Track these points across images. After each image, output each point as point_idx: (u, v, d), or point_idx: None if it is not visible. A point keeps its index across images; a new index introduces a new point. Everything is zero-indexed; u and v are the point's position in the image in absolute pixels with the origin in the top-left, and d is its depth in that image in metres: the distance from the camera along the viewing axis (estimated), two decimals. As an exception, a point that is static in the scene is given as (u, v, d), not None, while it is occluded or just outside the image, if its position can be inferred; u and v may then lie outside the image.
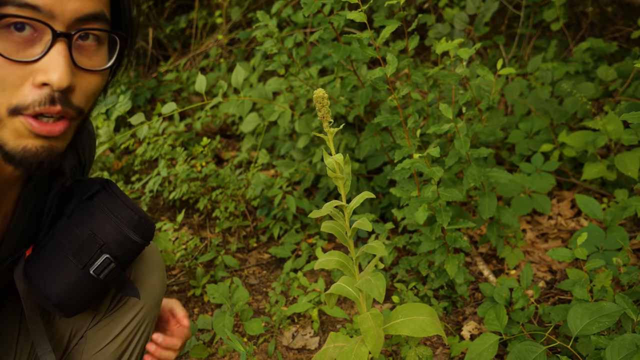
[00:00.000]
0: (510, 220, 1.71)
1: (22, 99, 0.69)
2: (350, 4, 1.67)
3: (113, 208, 0.92)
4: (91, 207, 0.92)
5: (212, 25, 3.88)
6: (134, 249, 0.94)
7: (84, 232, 0.91)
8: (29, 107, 0.69)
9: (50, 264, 0.92)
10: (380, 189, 2.04)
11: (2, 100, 0.69)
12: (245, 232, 2.22)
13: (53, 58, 0.68)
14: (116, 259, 0.92)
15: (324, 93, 0.91)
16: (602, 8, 3.01)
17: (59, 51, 0.69)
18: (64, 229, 0.92)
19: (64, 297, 0.92)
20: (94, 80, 0.76)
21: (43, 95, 0.70)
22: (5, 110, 0.70)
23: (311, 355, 1.59)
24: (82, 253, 0.91)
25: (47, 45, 0.68)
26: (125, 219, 0.92)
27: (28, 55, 0.69)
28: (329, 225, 1.04)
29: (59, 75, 0.68)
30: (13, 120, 0.70)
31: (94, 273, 0.91)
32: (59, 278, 0.92)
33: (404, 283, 1.76)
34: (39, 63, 0.69)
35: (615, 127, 1.82)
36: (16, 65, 0.68)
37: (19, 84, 0.69)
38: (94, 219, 0.91)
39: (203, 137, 2.71)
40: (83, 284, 0.92)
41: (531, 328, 1.44)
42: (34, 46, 0.69)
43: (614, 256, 1.57)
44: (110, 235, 0.91)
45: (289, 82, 2.12)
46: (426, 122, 1.93)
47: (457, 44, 1.54)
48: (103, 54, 0.77)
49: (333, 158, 0.98)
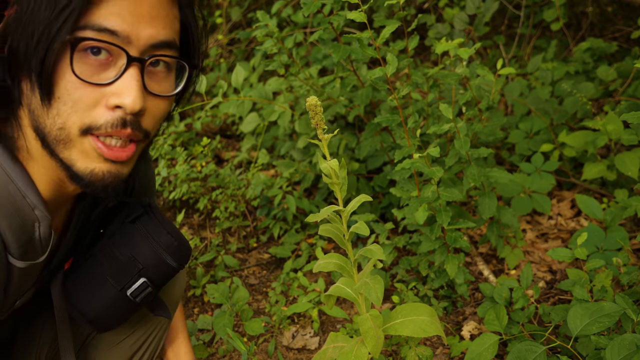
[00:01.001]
0: (510, 220, 1.70)
1: (95, 120, 0.72)
2: (350, 3, 1.67)
3: (154, 232, 0.94)
4: (133, 230, 0.94)
5: (212, 25, 3.88)
6: (170, 272, 0.96)
7: (124, 255, 0.93)
8: (100, 128, 0.72)
9: (89, 282, 0.95)
10: (380, 189, 2.04)
11: (75, 119, 0.71)
12: (245, 232, 2.22)
13: (126, 82, 0.71)
14: (152, 282, 0.94)
15: (317, 101, 0.91)
16: (602, 8, 3.01)
17: (132, 75, 0.71)
18: (104, 249, 0.95)
19: (99, 315, 0.95)
20: (162, 105, 0.78)
21: (115, 117, 0.72)
22: (77, 130, 0.72)
23: (311, 355, 1.59)
24: (121, 275, 0.93)
25: (121, 69, 0.71)
26: (164, 244, 0.94)
27: (102, 79, 0.71)
28: (327, 228, 1.04)
29: (133, 99, 0.71)
30: (83, 140, 0.73)
31: (131, 296, 0.94)
32: (96, 297, 0.94)
33: (404, 283, 1.76)
34: (112, 86, 0.71)
35: (615, 127, 1.82)
36: (91, 88, 0.70)
37: (93, 105, 0.71)
38: (135, 243, 0.94)
39: (203, 137, 2.71)
40: (119, 305, 0.95)
41: (531, 328, 1.44)
42: (108, 69, 0.71)
43: (614, 256, 1.57)
44: (149, 260, 0.93)
45: (289, 82, 2.12)
46: (426, 122, 1.93)
47: (457, 44, 1.54)
48: (171, 80, 0.79)
49: (328, 163, 0.98)
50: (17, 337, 1.06)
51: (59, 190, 0.84)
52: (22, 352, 1.06)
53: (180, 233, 0.97)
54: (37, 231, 0.81)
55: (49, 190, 0.82)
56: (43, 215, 0.80)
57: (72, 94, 0.70)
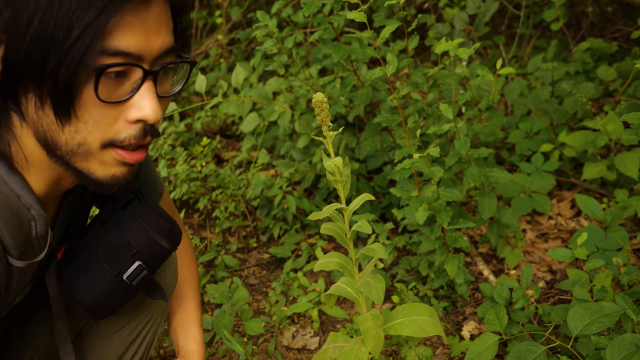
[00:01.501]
0: (510, 220, 1.70)
1: (117, 134, 0.74)
2: (350, 3, 1.67)
3: (145, 216, 0.95)
4: (125, 215, 0.95)
5: (212, 25, 3.88)
6: (163, 254, 0.97)
7: (118, 240, 0.94)
8: (124, 141, 0.74)
9: (85, 270, 0.95)
10: (380, 189, 2.04)
11: (96, 135, 0.73)
12: (245, 232, 2.22)
13: (145, 95, 0.73)
14: (148, 265, 0.95)
15: (323, 97, 0.91)
16: (602, 8, 3.01)
17: (148, 88, 0.73)
18: (98, 236, 0.96)
19: (97, 302, 0.96)
20: (166, 104, 0.81)
21: (137, 129, 0.74)
22: (98, 145, 0.74)
23: (311, 355, 1.59)
24: (116, 260, 0.94)
25: (136, 83, 0.72)
26: (156, 226, 0.95)
27: (120, 95, 0.72)
28: (329, 227, 1.04)
29: (154, 110, 0.73)
30: (103, 152, 0.75)
31: (127, 280, 0.94)
32: (93, 284, 0.95)
33: (404, 283, 1.76)
34: (130, 100, 0.73)
35: (615, 127, 1.82)
36: (110, 106, 0.72)
37: (113, 121, 0.73)
38: (127, 227, 0.95)
39: (203, 137, 2.71)
40: (116, 290, 0.95)
41: (531, 328, 1.44)
42: (123, 85, 0.72)
43: (614, 256, 1.57)
44: (143, 243, 0.94)
45: (289, 82, 2.12)
46: (426, 122, 1.93)
47: (457, 44, 1.54)
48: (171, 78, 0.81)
49: (332, 161, 0.98)
50: (12, 329, 1.06)
51: (55, 188, 0.84)
52: (17, 346, 1.06)
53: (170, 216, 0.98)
54: (34, 230, 0.81)
55: (44, 188, 0.82)
56: (39, 214, 0.80)
57: (94, 114, 0.71)
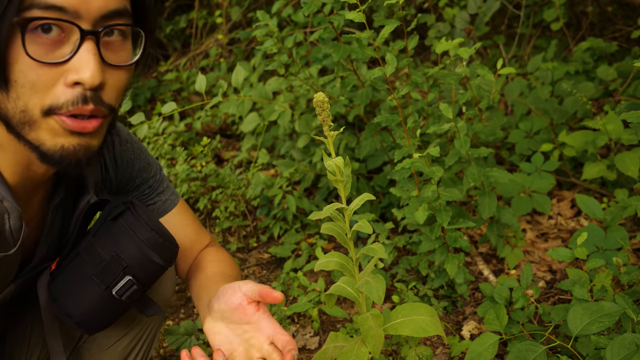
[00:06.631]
0: (510, 220, 1.70)
1: (55, 99, 0.70)
2: (349, 3, 1.67)
3: (136, 229, 0.92)
4: (115, 227, 0.93)
5: (212, 25, 3.88)
6: (157, 270, 0.94)
7: (108, 253, 0.91)
8: (62, 107, 0.70)
9: (74, 282, 0.93)
10: (380, 188, 2.04)
11: (35, 101, 0.70)
12: (245, 231, 2.22)
13: (83, 57, 0.69)
14: (139, 281, 0.92)
15: (324, 97, 0.90)
16: (602, 8, 3.01)
17: (88, 49, 0.69)
18: (88, 247, 0.93)
19: (86, 316, 0.93)
20: (122, 76, 0.76)
21: (75, 94, 0.70)
22: (39, 112, 0.71)
23: (311, 355, 1.59)
24: (105, 274, 0.91)
25: (75, 45, 0.69)
26: (147, 241, 0.92)
27: (58, 57, 0.69)
28: (329, 226, 1.03)
29: (91, 73, 0.69)
30: (47, 120, 0.71)
31: (116, 294, 0.91)
32: (81, 297, 0.92)
33: (404, 283, 1.76)
34: (69, 63, 0.69)
35: (615, 126, 1.82)
36: (47, 67, 0.69)
37: (51, 85, 0.70)
38: (118, 240, 0.92)
39: (203, 136, 2.71)
40: (105, 305, 0.93)
41: (531, 328, 1.44)
42: (62, 47, 0.69)
43: (614, 256, 1.57)
44: (133, 257, 0.91)
45: (289, 81, 2.12)
46: (426, 121, 1.93)
47: (457, 44, 1.54)
48: (128, 49, 0.77)
49: (333, 161, 0.97)
50: (6, 339, 1.05)
51: (27, 176, 0.82)
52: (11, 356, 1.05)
53: (166, 229, 0.95)
54: (7, 223, 0.79)
55: (16, 175, 0.80)
56: (12, 207, 0.79)
57: (29, 75, 0.68)
